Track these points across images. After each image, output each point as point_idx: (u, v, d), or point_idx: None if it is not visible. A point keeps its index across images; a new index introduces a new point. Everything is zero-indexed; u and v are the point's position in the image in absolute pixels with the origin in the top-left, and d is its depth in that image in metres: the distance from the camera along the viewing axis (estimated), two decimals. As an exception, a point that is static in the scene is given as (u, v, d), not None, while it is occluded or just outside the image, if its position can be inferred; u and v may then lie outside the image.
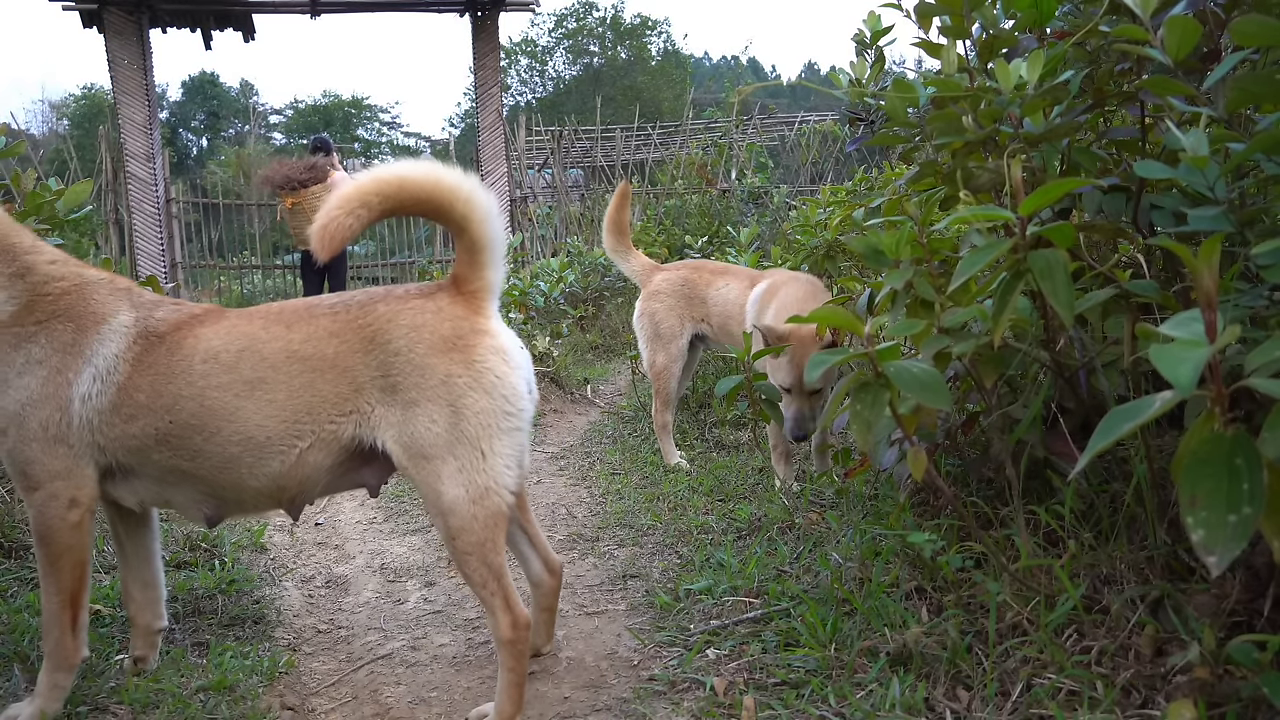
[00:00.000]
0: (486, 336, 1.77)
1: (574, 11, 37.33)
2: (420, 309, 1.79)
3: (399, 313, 1.79)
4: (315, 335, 1.80)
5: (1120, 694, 1.44)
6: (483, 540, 1.72)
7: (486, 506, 1.71)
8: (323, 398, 1.78)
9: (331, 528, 3.36)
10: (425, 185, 1.79)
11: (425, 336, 1.75)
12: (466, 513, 1.71)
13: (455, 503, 1.70)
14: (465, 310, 1.79)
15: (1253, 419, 1.21)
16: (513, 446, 1.77)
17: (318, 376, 1.78)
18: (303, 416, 1.78)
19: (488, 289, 1.83)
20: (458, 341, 1.75)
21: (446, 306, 1.79)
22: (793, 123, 15.94)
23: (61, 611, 1.81)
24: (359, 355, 1.77)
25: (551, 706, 1.88)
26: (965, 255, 1.56)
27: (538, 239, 11.32)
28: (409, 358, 1.74)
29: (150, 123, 9.64)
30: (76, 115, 36.05)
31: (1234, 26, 1.32)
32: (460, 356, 1.74)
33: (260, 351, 1.80)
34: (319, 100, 44.53)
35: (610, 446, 4.31)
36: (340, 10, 10.63)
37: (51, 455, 1.78)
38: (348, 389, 1.77)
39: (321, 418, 1.78)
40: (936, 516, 2.16)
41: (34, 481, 1.79)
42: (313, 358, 1.78)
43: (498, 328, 1.82)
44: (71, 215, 2.84)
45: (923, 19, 1.95)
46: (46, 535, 1.79)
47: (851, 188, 4.91)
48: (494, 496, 1.72)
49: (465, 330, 1.76)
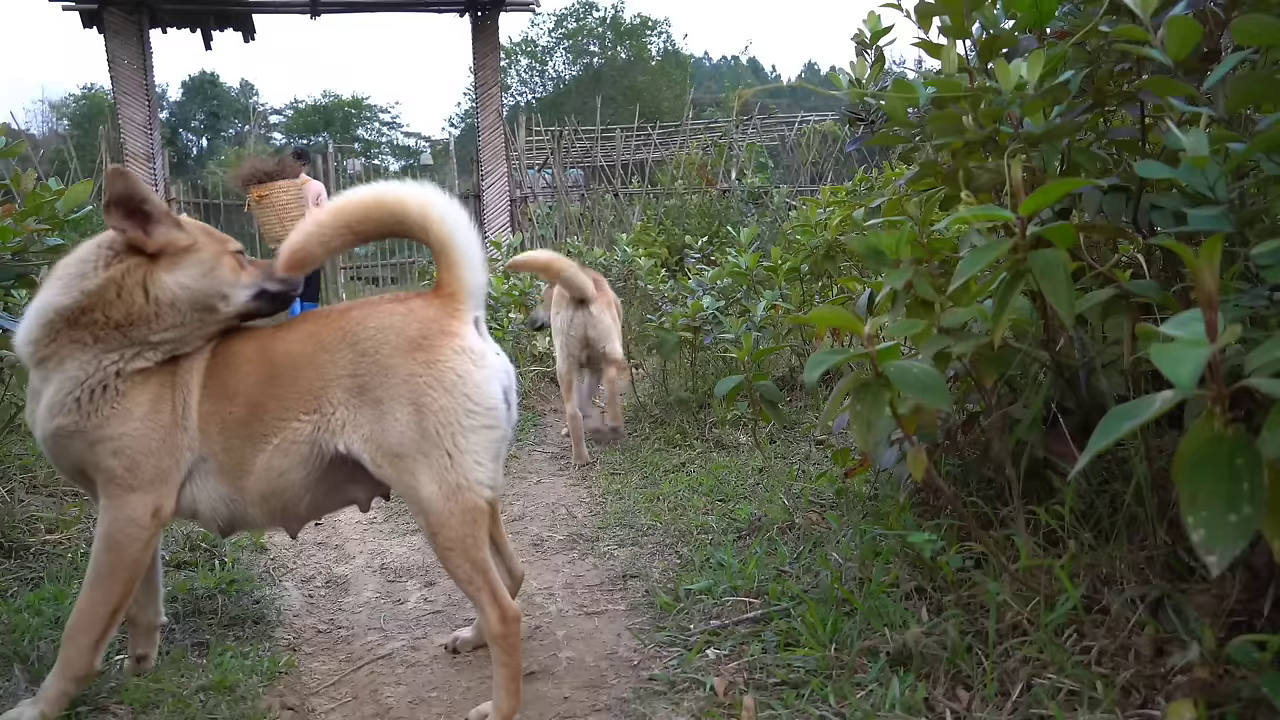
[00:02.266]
0: (452, 337, 1.78)
1: (574, 11, 37.36)
2: (390, 312, 1.82)
3: (369, 315, 1.83)
4: (298, 338, 1.86)
5: (1120, 694, 1.44)
6: (462, 536, 1.73)
7: (461, 502, 1.72)
8: (298, 395, 1.81)
9: (331, 528, 3.36)
10: (374, 205, 1.83)
11: (390, 337, 1.78)
12: (443, 509, 1.72)
13: (430, 500, 1.72)
14: (437, 313, 1.81)
15: (1253, 419, 1.21)
16: (483, 443, 1.76)
17: (286, 377, 1.82)
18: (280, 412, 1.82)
19: (464, 291, 1.84)
20: (422, 342, 1.77)
21: (418, 309, 1.81)
22: (793, 123, 15.95)
23: (94, 624, 1.78)
24: (327, 354, 1.81)
25: (551, 706, 1.88)
26: (965, 255, 1.56)
27: (538, 239, 11.32)
28: (375, 358, 1.77)
29: (150, 123, 9.64)
30: (76, 115, 36.06)
31: (1234, 26, 1.33)
32: (423, 356, 1.76)
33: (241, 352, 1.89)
34: (319, 100, 44.57)
35: (610, 446, 4.31)
36: (340, 10, 10.64)
37: (165, 454, 1.80)
38: (317, 386, 1.81)
39: (288, 416, 1.81)
40: (936, 516, 2.16)
41: (137, 481, 1.78)
42: (283, 360, 1.84)
43: (466, 330, 1.82)
44: (71, 215, 2.84)
45: (923, 19, 1.95)
46: (120, 544, 1.77)
47: (851, 188, 4.91)
48: (467, 493, 1.73)
49: (432, 331, 1.78)
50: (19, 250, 2.73)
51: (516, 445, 4.42)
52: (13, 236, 2.67)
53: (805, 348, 4.59)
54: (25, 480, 3.18)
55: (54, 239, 2.85)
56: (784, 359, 4.84)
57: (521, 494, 3.63)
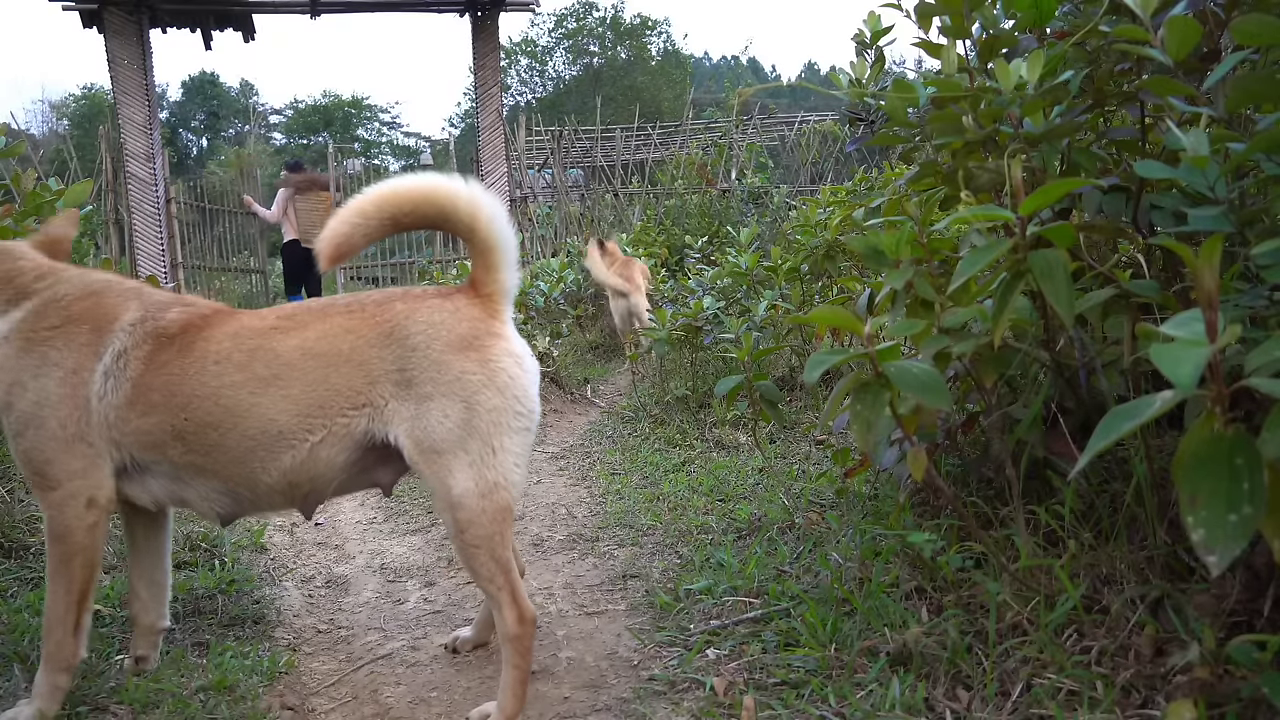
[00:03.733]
0: (501, 340, 1.82)
1: (574, 11, 37.36)
2: (438, 308, 1.83)
3: (416, 310, 1.82)
4: (330, 332, 1.82)
5: (1120, 694, 1.44)
6: (490, 535, 1.74)
7: (495, 501, 1.75)
8: (336, 391, 1.79)
9: (331, 528, 3.36)
10: (426, 196, 1.82)
11: (442, 334, 1.79)
12: (475, 506, 1.73)
13: (464, 496, 1.73)
14: (481, 312, 1.84)
15: (1253, 419, 1.21)
16: (521, 446, 1.81)
17: (332, 371, 1.79)
18: (314, 410, 1.79)
19: (502, 292, 1.87)
20: (474, 341, 1.79)
21: (464, 307, 1.83)
22: (793, 123, 15.93)
23: (67, 613, 1.80)
24: (374, 350, 1.79)
25: (551, 706, 1.88)
26: (965, 255, 1.56)
27: (538, 239, 11.32)
28: (426, 354, 1.78)
29: (150, 123, 9.64)
30: (76, 115, 36.05)
31: (1234, 26, 1.33)
32: (476, 355, 1.78)
33: (274, 349, 1.82)
34: (319, 100, 44.56)
35: (610, 446, 4.31)
36: (340, 10, 10.63)
37: (71, 454, 1.79)
38: (362, 383, 1.79)
39: (333, 411, 1.79)
40: (936, 516, 2.16)
41: (52, 481, 1.79)
42: (327, 354, 1.80)
43: (511, 332, 1.86)
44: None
45: (923, 19, 1.95)
46: (62, 535, 1.79)
47: (851, 188, 4.91)
48: (502, 492, 1.76)
49: (481, 331, 1.81)
50: (19, 250, 2.73)
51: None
52: (13, 236, 2.66)
53: (805, 348, 4.59)
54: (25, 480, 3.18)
55: (54, 239, 2.85)
56: (784, 359, 4.84)
57: (521, 494, 3.63)
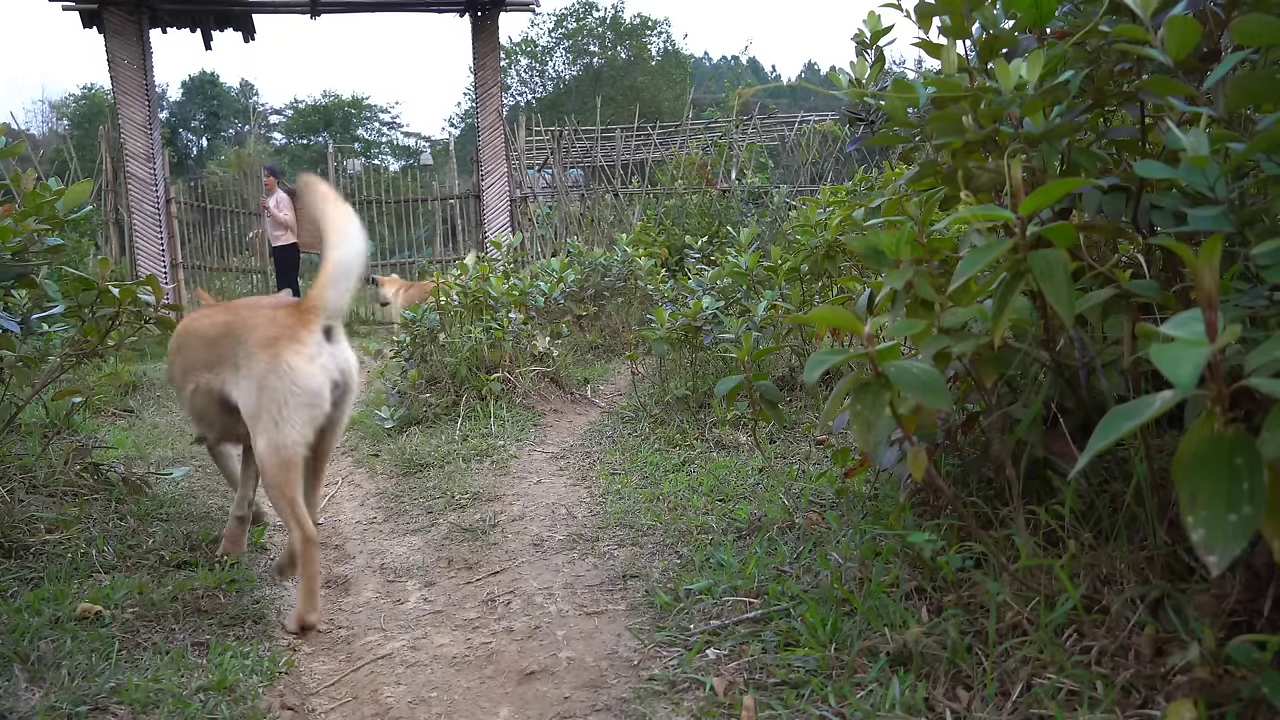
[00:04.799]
0: (296, 342, 2.41)
1: (574, 11, 37.34)
2: (263, 315, 2.48)
3: (252, 316, 2.51)
4: (215, 323, 2.62)
5: (1120, 694, 1.44)
6: (279, 480, 2.37)
7: (280, 456, 2.37)
8: (203, 362, 2.62)
9: (331, 528, 3.36)
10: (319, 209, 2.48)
11: (257, 335, 2.44)
12: (269, 459, 2.37)
13: (262, 451, 2.38)
14: (293, 321, 2.43)
15: (1253, 419, 1.21)
16: (302, 417, 2.39)
17: (206, 349, 2.61)
18: (190, 370, 2.67)
19: (319, 306, 2.44)
20: (274, 341, 2.41)
21: (281, 317, 2.45)
22: (793, 123, 15.95)
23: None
24: (225, 339, 2.54)
25: (551, 706, 1.88)
26: (965, 255, 1.56)
27: (538, 239, 11.32)
28: (245, 347, 2.45)
29: (150, 123, 9.65)
30: (76, 115, 36.03)
31: (1234, 26, 1.33)
32: (271, 351, 2.40)
33: (191, 329, 2.73)
34: (319, 100, 44.55)
35: (610, 446, 4.31)
36: (340, 10, 10.64)
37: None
38: (215, 360, 2.57)
39: (198, 374, 2.64)
40: (936, 516, 2.16)
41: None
42: (207, 337, 2.63)
43: (311, 337, 2.43)
44: (71, 215, 2.84)
45: (923, 19, 1.95)
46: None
47: (851, 188, 4.90)
48: (285, 450, 2.37)
49: (283, 335, 2.42)
50: (19, 250, 2.74)
51: (516, 445, 4.42)
52: (13, 236, 2.67)
53: (805, 348, 4.59)
54: (25, 480, 3.18)
55: (54, 239, 2.86)
56: (784, 359, 4.83)
57: (521, 494, 3.63)
